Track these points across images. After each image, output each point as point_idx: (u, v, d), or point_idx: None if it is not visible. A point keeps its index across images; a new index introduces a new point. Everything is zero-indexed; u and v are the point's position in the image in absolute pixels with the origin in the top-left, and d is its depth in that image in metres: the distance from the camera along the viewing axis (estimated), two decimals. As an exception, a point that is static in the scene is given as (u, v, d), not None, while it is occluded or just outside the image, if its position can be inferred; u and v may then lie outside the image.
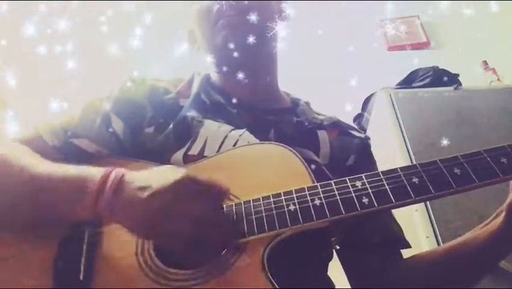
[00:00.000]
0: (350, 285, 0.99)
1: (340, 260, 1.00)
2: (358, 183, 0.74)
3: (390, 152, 1.82)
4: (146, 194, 0.66)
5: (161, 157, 0.89)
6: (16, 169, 0.77)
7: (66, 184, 0.73)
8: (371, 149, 1.09)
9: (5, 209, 0.77)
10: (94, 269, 0.72)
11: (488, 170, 0.72)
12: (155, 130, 0.94)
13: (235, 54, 0.99)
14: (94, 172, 0.71)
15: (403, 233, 1.00)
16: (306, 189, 0.75)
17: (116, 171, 0.70)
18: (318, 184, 0.76)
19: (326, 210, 0.72)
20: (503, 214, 0.79)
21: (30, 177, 0.75)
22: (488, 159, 0.73)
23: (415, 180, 0.73)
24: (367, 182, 0.74)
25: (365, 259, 0.95)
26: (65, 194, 0.72)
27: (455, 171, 0.72)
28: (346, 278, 1.00)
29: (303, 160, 0.82)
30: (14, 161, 0.79)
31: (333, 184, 0.75)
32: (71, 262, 0.73)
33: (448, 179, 0.72)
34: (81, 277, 0.71)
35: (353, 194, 0.73)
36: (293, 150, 0.83)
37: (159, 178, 0.68)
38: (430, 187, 0.71)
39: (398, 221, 1.02)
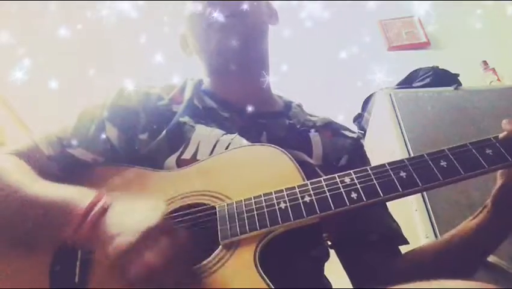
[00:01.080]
0: (351, 282, 0.99)
1: (340, 258, 1.01)
2: (347, 179, 0.75)
3: (390, 152, 1.82)
4: (117, 239, 0.66)
5: (155, 162, 0.90)
6: (8, 186, 0.79)
7: (53, 208, 0.75)
8: (365, 148, 1.09)
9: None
10: (89, 272, 0.74)
11: (474, 162, 0.73)
12: (148, 136, 0.95)
13: (228, 58, 1.00)
14: (81, 198, 0.73)
15: (401, 230, 1.00)
16: (296, 187, 0.76)
17: (101, 204, 0.72)
18: (308, 182, 0.77)
19: (316, 206, 0.73)
20: (489, 204, 0.81)
21: (20, 196, 0.77)
22: (474, 151, 0.74)
23: (402, 174, 0.74)
24: (356, 177, 0.75)
25: (365, 257, 0.96)
26: (52, 217, 0.74)
27: (441, 164, 0.73)
28: (345, 279, 1.01)
29: (293, 159, 0.82)
30: (6, 178, 0.81)
31: (322, 181, 0.76)
32: (67, 266, 0.75)
33: (435, 172, 0.73)
34: (76, 280, 0.73)
35: (342, 190, 0.74)
36: (284, 150, 0.84)
37: (136, 223, 0.67)
38: (418, 180, 0.73)
39: (398, 220, 1.02)
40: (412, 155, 1.68)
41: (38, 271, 0.75)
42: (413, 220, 1.57)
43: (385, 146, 1.87)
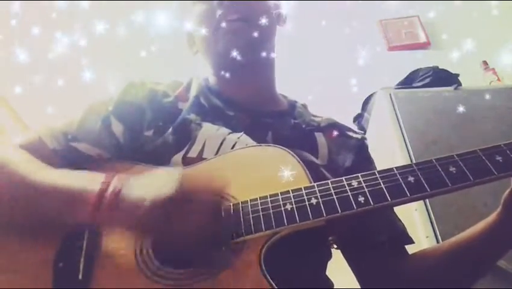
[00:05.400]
0: (359, 283, 0.99)
1: (346, 259, 1.01)
2: (354, 183, 0.75)
3: (390, 152, 1.82)
4: (141, 209, 0.67)
5: (160, 160, 0.90)
6: (16, 175, 0.79)
7: (65, 193, 0.75)
8: (369, 148, 1.09)
9: (4, 213, 0.78)
10: (93, 269, 0.73)
11: (483, 168, 0.72)
12: (154, 133, 0.95)
13: (235, 59, 0.99)
14: (93, 182, 0.73)
15: (406, 230, 1.01)
16: (303, 189, 0.76)
17: (114, 183, 0.72)
18: (315, 184, 0.77)
19: (323, 209, 0.73)
20: (499, 207, 0.81)
21: (29, 183, 0.77)
22: (483, 157, 0.73)
23: (410, 179, 0.73)
24: (363, 181, 0.75)
25: (373, 257, 0.96)
26: (65, 202, 0.74)
27: (450, 169, 0.73)
28: (345, 278, 1.01)
29: (300, 161, 0.82)
30: (13, 167, 0.80)
31: (329, 184, 0.76)
32: (71, 262, 0.74)
33: (443, 178, 0.72)
34: (80, 277, 0.72)
35: (350, 193, 0.74)
36: (290, 152, 0.84)
37: (154, 189, 0.69)
38: (426, 185, 0.72)
39: (398, 220, 1.02)
40: (412, 155, 1.72)
41: (42, 267, 0.74)
42: (413, 220, 1.58)
43: (385, 146, 1.87)
